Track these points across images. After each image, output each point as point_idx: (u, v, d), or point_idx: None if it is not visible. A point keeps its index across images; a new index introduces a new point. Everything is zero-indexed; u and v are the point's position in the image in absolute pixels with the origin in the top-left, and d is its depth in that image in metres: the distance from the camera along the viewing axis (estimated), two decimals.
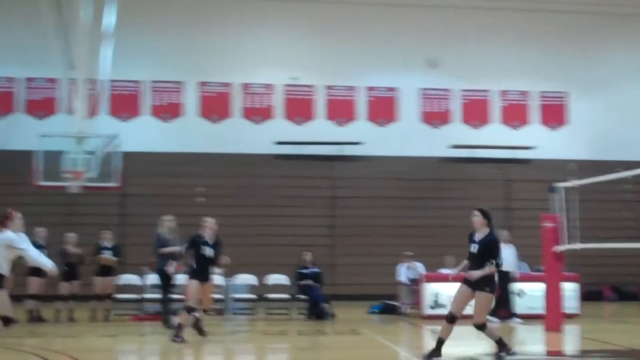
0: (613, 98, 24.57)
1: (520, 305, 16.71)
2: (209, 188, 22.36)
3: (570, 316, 15.88)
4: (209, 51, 23.33)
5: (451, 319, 10.09)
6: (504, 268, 15.89)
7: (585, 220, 13.82)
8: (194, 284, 12.63)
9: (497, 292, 16.51)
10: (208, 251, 12.78)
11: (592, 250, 14.93)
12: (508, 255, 14.99)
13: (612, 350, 11.77)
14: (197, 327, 13.10)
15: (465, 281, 10.03)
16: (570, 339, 13.69)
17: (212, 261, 12.91)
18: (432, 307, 16.66)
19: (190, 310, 12.63)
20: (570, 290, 16.37)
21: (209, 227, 12.94)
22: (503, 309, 16.36)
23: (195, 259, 12.72)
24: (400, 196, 22.79)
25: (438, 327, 14.40)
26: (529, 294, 16.84)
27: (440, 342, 10.11)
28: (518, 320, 16.20)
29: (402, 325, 16.32)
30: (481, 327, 10.08)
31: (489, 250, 10.04)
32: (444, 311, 16.25)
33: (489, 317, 16.17)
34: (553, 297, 14.72)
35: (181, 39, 23.26)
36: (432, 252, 19.42)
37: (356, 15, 23.96)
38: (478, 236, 10.18)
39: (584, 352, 10.40)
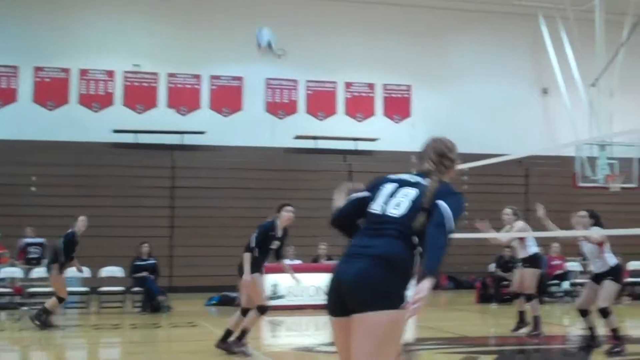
0: (454, 92, 25.04)
1: None
2: (43, 177, 21.30)
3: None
4: (46, 35, 22.24)
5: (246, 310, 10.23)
6: None
7: None
8: (62, 278, 13.99)
9: None
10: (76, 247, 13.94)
11: None
12: None
13: (446, 338, 11.95)
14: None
15: (258, 271, 10.29)
16: (405, 327, 13.76)
17: None
18: (271, 298, 16.40)
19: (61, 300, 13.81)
20: None
21: (82, 225, 13.81)
22: None
23: (65, 254, 13.73)
24: (244, 187, 22.33)
25: (277, 318, 14.37)
26: None
27: (229, 333, 10.07)
28: None
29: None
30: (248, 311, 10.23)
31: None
32: (283, 302, 16.24)
33: None
34: None
35: (16, 21, 22.15)
36: None
37: (202, 2, 23.46)
38: (280, 232, 10.43)
39: (419, 340, 10.44)
